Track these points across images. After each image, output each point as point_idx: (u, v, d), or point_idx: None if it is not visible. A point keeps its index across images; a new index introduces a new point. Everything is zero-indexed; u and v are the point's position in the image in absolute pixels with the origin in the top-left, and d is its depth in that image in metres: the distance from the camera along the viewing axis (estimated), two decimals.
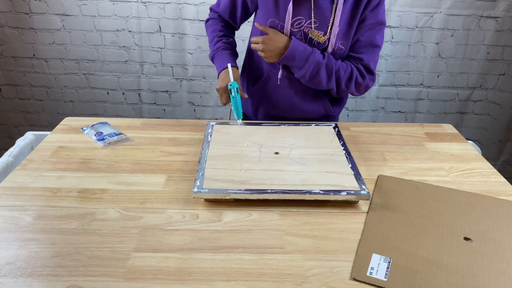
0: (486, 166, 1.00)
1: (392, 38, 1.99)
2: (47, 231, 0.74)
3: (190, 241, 0.73)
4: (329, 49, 1.06)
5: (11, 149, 1.09)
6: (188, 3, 1.91)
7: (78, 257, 0.68)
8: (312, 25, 1.04)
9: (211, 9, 1.23)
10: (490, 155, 2.26)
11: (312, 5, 1.03)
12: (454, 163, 1.01)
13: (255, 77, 1.22)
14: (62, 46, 2.03)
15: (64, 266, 0.66)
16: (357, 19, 1.04)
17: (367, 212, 0.81)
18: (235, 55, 1.17)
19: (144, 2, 1.91)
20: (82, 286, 0.63)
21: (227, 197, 0.82)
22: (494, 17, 1.92)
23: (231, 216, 0.80)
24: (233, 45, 1.19)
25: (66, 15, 1.95)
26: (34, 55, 2.06)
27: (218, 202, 0.83)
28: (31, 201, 0.83)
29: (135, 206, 0.82)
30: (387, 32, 1.97)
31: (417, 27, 1.96)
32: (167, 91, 2.16)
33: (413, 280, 0.62)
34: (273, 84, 1.17)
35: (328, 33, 1.04)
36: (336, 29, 1.03)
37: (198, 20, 1.95)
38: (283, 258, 0.69)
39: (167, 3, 1.91)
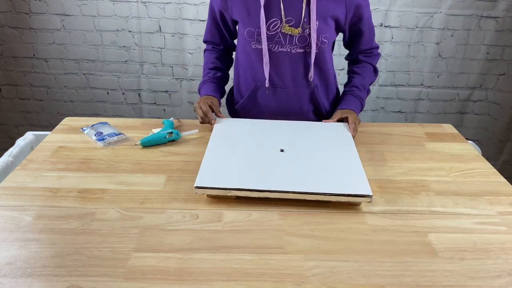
0: (486, 166, 1.00)
1: (392, 38, 1.99)
2: (47, 231, 0.74)
3: (190, 241, 0.73)
4: (313, 45, 1.06)
5: (11, 149, 1.09)
6: (188, 3, 1.90)
7: (78, 257, 0.68)
8: (283, 21, 1.05)
9: (204, 41, 1.28)
10: (490, 155, 2.25)
11: (282, 5, 1.04)
12: (454, 163, 1.01)
13: (245, 90, 1.22)
14: (62, 46, 2.03)
15: (64, 266, 0.66)
16: (338, 15, 1.07)
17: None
18: (219, 88, 1.22)
19: (144, 2, 1.91)
20: (82, 286, 0.63)
21: (229, 194, 0.82)
22: (494, 17, 1.92)
23: (231, 216, 0.80)
24: (220, 79, 1.24)
25: (66, 15, 1.95)
26: (34, 55, 2.05)
27: (219, 201, 0.83)
28: (31, 201, 0.83)
29: (135, 206, 0.82)
30: (387, 32, 1.97)
31: (417, 27, 1.96)
32: (167, 91, 2.16)
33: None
34: (263, 94, 1.17)
35: (307, 29, 1.05)
36: (314, 24, 1.04)
37: (198, 20, 1.95)
38: (283, 258, 0.69)
39: (167, 3, 1.91)
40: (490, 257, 0.71)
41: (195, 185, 0.82)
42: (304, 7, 1.03)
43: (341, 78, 2.01)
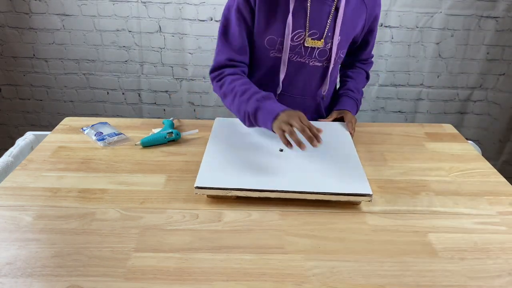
0: (486, 166, 1.00)
1: (392, 38, 1.99)
2: (47, 231, 0.74)
3: (190, 241, 0.73)
4: (332, 60, 1.06)
5: (11, 149, 1.09)
6: (188, 3, 1.91)
7: (78, 257, 0.68)
8: (306, 34, 1.01)
9: (219, 66, 1.04)
10: (490, 155, 2.25)
11: (308, 16, 1.00)
12: (454, 163, 1.01)
13: None
14: (62, 46, 2.03)
15: (64, 266, 0.66)
16: (356, 29, 1.06)
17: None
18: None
19: (144, 2, 1.91)
20: (82, 286, 0.63)
21: (229, 194, 0.82)
22: (494, 17, 1.92)
23: (231, 216, 0.80)
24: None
25: (66, 15, 1.95)
26: (34, 55, 2.05)
27: (219, 201, 0.83)
28: (31, 201, 0.83)
29: (135, 206, 0.82)
30: (387, 32, 1.97)
31: (417, 27, 1.96)
32: (167, 91, 2.16)
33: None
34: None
35: (329, 43, 1.03)
36: (337, 39, 1.03)
37: (198, 20, 1.95)
38: (283, 258, 0.69)
39: (167, 3, 1.91)
40: (490, 257, 0.71)
41: (195, 185, 0.82)
42: (329, 22, 1.01)
43: None
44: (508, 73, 2.05)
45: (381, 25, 1.95)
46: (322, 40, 1.02)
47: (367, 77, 1.26)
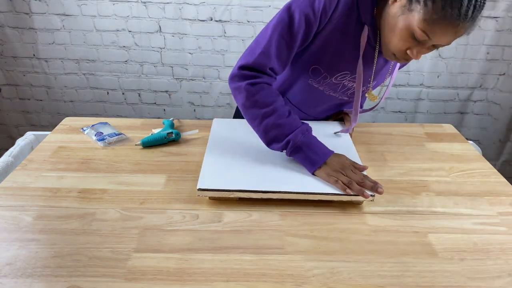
0: (486, 166, 1.00)
1: None
2: (47, 231, 0.74)
3: (190, 242, 0.73)
4: (358, 101, 0.98)
5: (11, 149, 1.09)
6: (188, 3, 1.90)
7: (78, 257, 0.68)
8: (371, 85, 0.99)
9: (256, 69, 0.87)
10: (490, 155, 2.25)
11: (375, 65, 0.93)
12: (454, 163, 1.01)
13: None
14: (62, 46, 2.03)
15: (64, 266, 0.66)
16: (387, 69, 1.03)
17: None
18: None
19: (144, 2, 1.91)
20: (82, 286, 0.63)
21: (231, 196, 0.82)
22: (494, 17, 1.91)
23: (231, 216, 0.80)
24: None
25: (66, 15, 1.95)
26: (34, 55, 2.05)
27: (219, 202, 0.83)
28: (31, 201, 0.83)
29: (135, 206, 0.82)
30: None
31: None
32: (167, 91, 2.16)
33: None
34: None
35: (382, 94, 1.02)
36: (389, 90, 1.02)
37: (198, 20, 1.94)
38: (283, 259, 0.69)
39: (167, 3, 1.91)
40: (490, 257, 0.71)
41: (197, 188, 0.82)
42: (373, 70, 0.96)
43: None
44: (508, 73, 2.05)
45: None
46: (378, 95, 1.02)
47: None
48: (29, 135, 1.19)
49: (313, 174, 0.85)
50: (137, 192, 0.86)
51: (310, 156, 0.85)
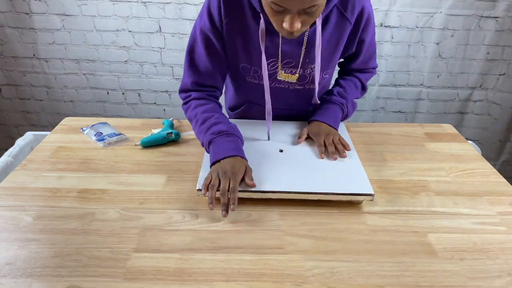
0: (486, 166, 1.00)
1: (392, 38, 1.99)
2: (47, 231, 0.74)
3: (190, 241, 0.73)
4: (316, 83, 0.98)
5: (11, 149, 1.10)
6: (188, 3, 1.90)
7: (78, 257, 0.68)
8: (280, 66, 0.96)
9: (187, 90, 0.99)
10: (490, 155, 2.25)
11: (280, 43, 0.92)
12: (454, 163, 1.01)
13: (236, 105, 1.17)
14: (62, 46, 2.03)
15: (64, 266, 0.67)
16: (341, 47, 0.97)
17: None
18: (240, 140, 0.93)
19: (144, 2, 1.91)
20: (82, 286, 0.63)
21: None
22: (494, 17, 1.92)
23: (231, 216, 0.80)
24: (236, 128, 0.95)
25: (66, 15, 1.95)
26: (34, 55, 2.05)
27: (219, 202, 0.83)
28: (31, 201, 0.83)
29: (135, 206, 0.82)
30: (387, 32, 1.97)
31: (417, 27, 1.96)
32: (167, 91, 2.16)
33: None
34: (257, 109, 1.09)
35: (308, 69, 0.97)
36: (318, 64, 0.94)
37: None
38: (283, 259, 0.69)
39: (167, 3, 1.91)
40: (489, 257, 0.71)
41: (197, 188, 0.82)
42: (303, 50, 0.93)
43: None
44: (508, 73, 2.05)
45: (381, 25, 1.95)
46: (297, 75, 0.97)
47: (362, 87, 1.12)
48: (29, 135, 1.19)
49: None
50: (137, 192, 0.86)
51: (212, 154, 0.88)
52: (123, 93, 2.17)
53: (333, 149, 0.95)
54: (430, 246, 0.73)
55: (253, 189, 0.81)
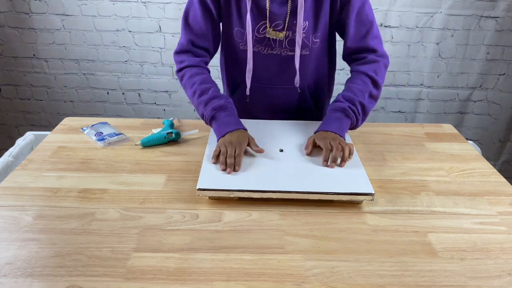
0: (486, 166, 1.00)
1: (392, 38, 1.99)
2: (47, 231, 0.74)
3: (190, 241, 0.73)
4: (297, 50, 1.01)
5: (11, 149, 1.09)
6: None
7: (78, 257, 0.68)
8: (268, 26, 1.00)
9: (181, 51, 1.06)
10: (490, 155, 2.26)
11: (268, 8, 0.97)
12: (454, 163, 1.01)
13: (231, 88, 1.19)
14: (62, 46, 2.03)
15: (64, 266, 0.66)
16: (326, 6, 0.99)
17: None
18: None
19: (144, 2, 1.91)
20: (82, 286, 0.63)
21: (231, 195, 0.82)
22: (494, 17, 1.92)
23: (231, 216, 0.80)
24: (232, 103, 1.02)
25: (66, 15, 1.95)
26: (34, 55, 2.05)
27: (219, 201, 0.84)
28: (31, 201, 0.83)
29: (135, 206, 0.82)
30: (387, 32, 1.97)
31: (417, 27, 1.96)
32: (167, 91, 2.16)
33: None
34: (249, 92, 1.12)
35: (294, 32, 1.00)
36: (301, 25, 0.97)
37: None
38: (283, 258, 0.69)
39: (167, 3, 1.91)
40: (490, 257, 0.71)
41: (197, 187, 0.82)
42: (288, 10, 0.97)
43: (341, 77, 2.01)
44: (508, 73, 2.05)
45: (381, 25, 1.95)
46: (284, 32, 1.00)
47: (372, 81, 1.00)
48: (29, 135, 1.19)
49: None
50: (137, 192, 0.86)
51: (216, 129, 0.98)
52: (123, 93, 2.17)
53: (339, 153, 0.90)
54: (430, 246, 0.73)
55: (253, 188, 0.81)
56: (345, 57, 1.10)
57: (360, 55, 1.04)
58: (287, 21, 0.99)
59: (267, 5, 0.98)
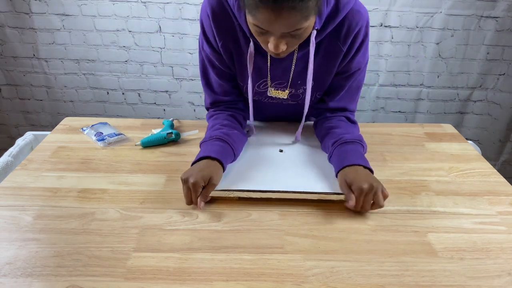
0: (486, 166, 1.00)
1: (392, 38, 1.99)
2: (47, 231, 0.74)
3: (190, 241, 0.73)
4: (307, 101, 0.94)
5: (11, 149, 1.09)
6: (188, 3, 1.90)
7: (78, 257, 0.68)
8: (269, 85, 0.95)
9: (207, 108, 1.05)
10: (490, 155, 2.25)
11: (269, 65, 0.91)
12: (454, 163, 1.01)
13: None
14: (62, 46, 2.03)
15: (64, 266, 0.67)
16: (333, 69, 0.93)
17: None
18: (232, 147, 0.89)
19: (144, 2, 1.91)
20: (82, 286, 0.63)
21: (231, 195, 0.82)
22: (494, 17, 1.92)
23: (231, 216, 0.80)
24: (236, 136, 0.93)
25: (66, 15, 1.95)
26: (34, 55, 2.06)
27: (218, 201, 0.83)
28: (31, 201, 0.83)
29: (135, 206, 0.82)
30: (387, 32, 1.97)
31: (417, 27, 1.96)
32: (167, 91, 2.16)
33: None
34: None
35: (300, 89, 0.96)
36: (310, 84, 0.90)
37: (198, 20, 1.94)
38: (283, 258, 0.69)
39: (167, 3, 1.91)
40: (490, 257, 0.71)
41: None
42: (292, 71, 0.92)
43: None
44: (508, 73, 2.05)
45: (381, 25, 1.95)
46: (287, 91, 0.96)
47: (350, 121, 1.00)
48: (29, 135, 1.19)
49: None
50: (137, 192, 0.87)
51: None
52: (123, 93, 2.17)
53: (369, 208, 0.79)
54: (430, 246, 0.73)
55: (253, 188, 0.81)
56: (316, 109, 1.04)
57: (336, 113, 1.01)
58: (289, 82, 0.95)
59: (268, 69, 0.92)
